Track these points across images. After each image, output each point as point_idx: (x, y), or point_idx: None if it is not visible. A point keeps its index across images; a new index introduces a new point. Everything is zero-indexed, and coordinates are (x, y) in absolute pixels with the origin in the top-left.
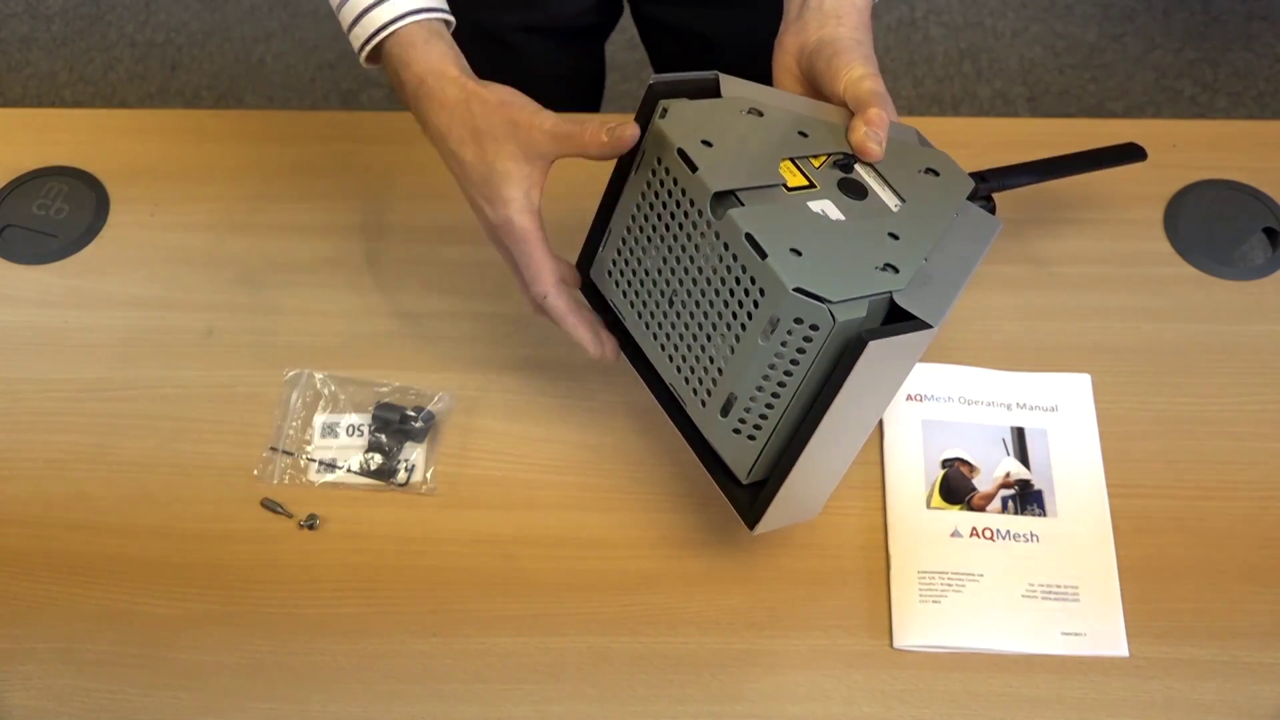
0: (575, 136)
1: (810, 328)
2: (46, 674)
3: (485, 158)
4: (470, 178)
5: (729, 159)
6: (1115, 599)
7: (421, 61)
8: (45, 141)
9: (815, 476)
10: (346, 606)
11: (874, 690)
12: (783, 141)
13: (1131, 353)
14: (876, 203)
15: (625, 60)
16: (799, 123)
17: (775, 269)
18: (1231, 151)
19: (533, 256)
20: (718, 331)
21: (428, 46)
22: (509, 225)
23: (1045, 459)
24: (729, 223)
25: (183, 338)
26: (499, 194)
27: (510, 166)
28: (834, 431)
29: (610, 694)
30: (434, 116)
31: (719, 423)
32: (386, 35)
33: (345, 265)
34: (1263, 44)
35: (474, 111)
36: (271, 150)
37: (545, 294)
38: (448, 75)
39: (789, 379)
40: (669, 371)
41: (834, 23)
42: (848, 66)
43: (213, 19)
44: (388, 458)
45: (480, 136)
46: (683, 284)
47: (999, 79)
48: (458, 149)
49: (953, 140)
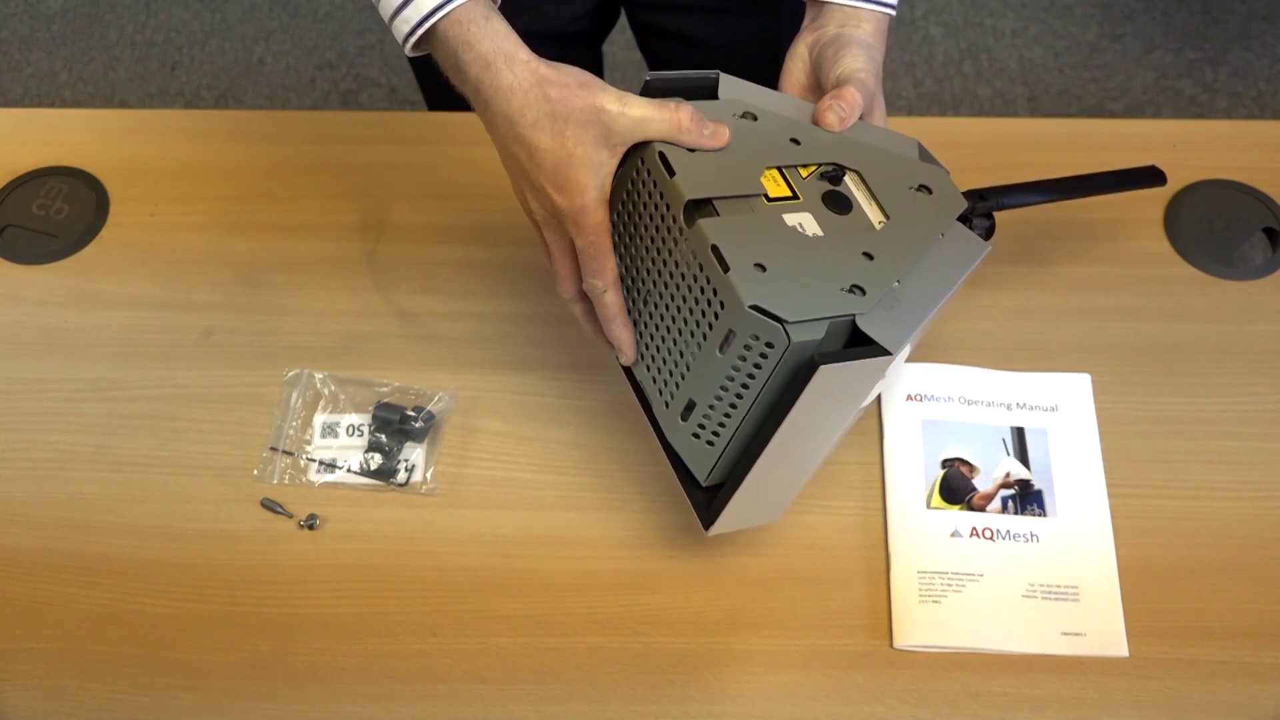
0: (666, 124)
1: (766, 345)
2: (46, 674)
3: (565, 144)
4: (542, 164)
5: (710, 165)
6: (1115, 599)
7: (487, 40)
8: (45, 141)
9: (773, 484)
10: (346, 606)
11: (874, 690)
12: (772, 149)
13: (1131, 353)
14: (859, 218)
15: (625, 61)
16: (792, 129)
17: (735, 284)
18: (1231, 151)
19: (602, 248)
20: (683, 337)
21: (489, 24)
22: (583, 214)
23: (1045, 459)
24: (698, 232)
25: (183, 338)
26: (575, 181)
27: (590, 152)
28: (789, 445)
29: (610, 694)
30: (502, 100)
31: (680, 426)
32: (445, 14)
33: (345, 265)
34: (1263, 44)
35: (550, 96)
36: (271, 150)
37: (606, 289)
38: (517, 58)
39: (745, 391)
40: (639, 369)
41: (853, 23)
42: (851, 59)
43: (213, 19)
44: (388, 458)
45: (558, 121)
46: (655, 285)
47: (999, 79)
48: (530, 135)
49: (953, 140)
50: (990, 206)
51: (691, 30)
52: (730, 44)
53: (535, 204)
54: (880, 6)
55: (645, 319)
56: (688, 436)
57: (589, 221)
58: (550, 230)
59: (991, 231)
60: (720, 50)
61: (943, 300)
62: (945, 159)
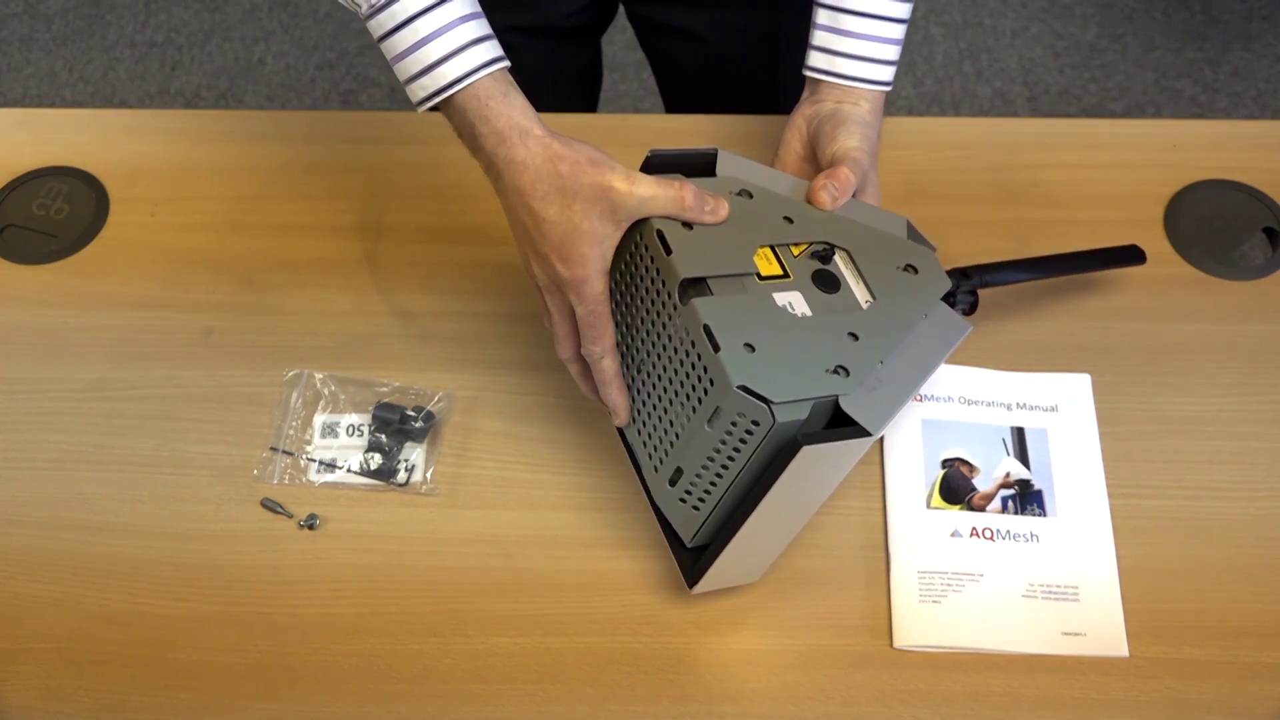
0: (671, 203)
1: (752, 423)
2: (46, 674)
3: (571, 218)
4: (549, 234)
5: (706, 244)
6: (1115, 599)
7: (504, 117)
8: (45, 141)
9: (754, 548)
10: (346, 606)
11: (874, 690)
12: (765, 228)
13: (1131, 353)
14: (847, 298)
15: (625, 60)
16: (785, 208)
17: (725, 364)
18: (1231, 151)
19: (601, 316)
20: (674, 407)
21: (506, 100)
22: (585, 284)
23: (1045, 459)
24: (691, 311)
25: (183, 338)
26: (579, 253)
27: (596, 227)
28: (771, 515)
29: (610, 694)
30: (515, 174)
31: (668, 490)
32: (463, 88)
33: (345, 265)
34: (1263, 44)
35: (561, 172)
36: (271, 150)
37: (603, 355)
38: (532, 133)
39: (731, 464)
40: (630, 431)
41: (850, 100)
42: (846, 136)
43: (213, 19)
44: (388, 458)
45: (567, 196)
46: (650, 354)
47: (999, 79)
48: (539, 207)
49: (953, 140)
50: (974, 285)
51: (688, 25)
52: (727, 38)
53: (539, 271)
54: (877, 86)
55: (639, 385)
56: (675, 500)
57: (590, 292)
58: (552, 296)
59: (974, 308)
60: (717, 45)
61: (923, 382)
62: (945, 159)
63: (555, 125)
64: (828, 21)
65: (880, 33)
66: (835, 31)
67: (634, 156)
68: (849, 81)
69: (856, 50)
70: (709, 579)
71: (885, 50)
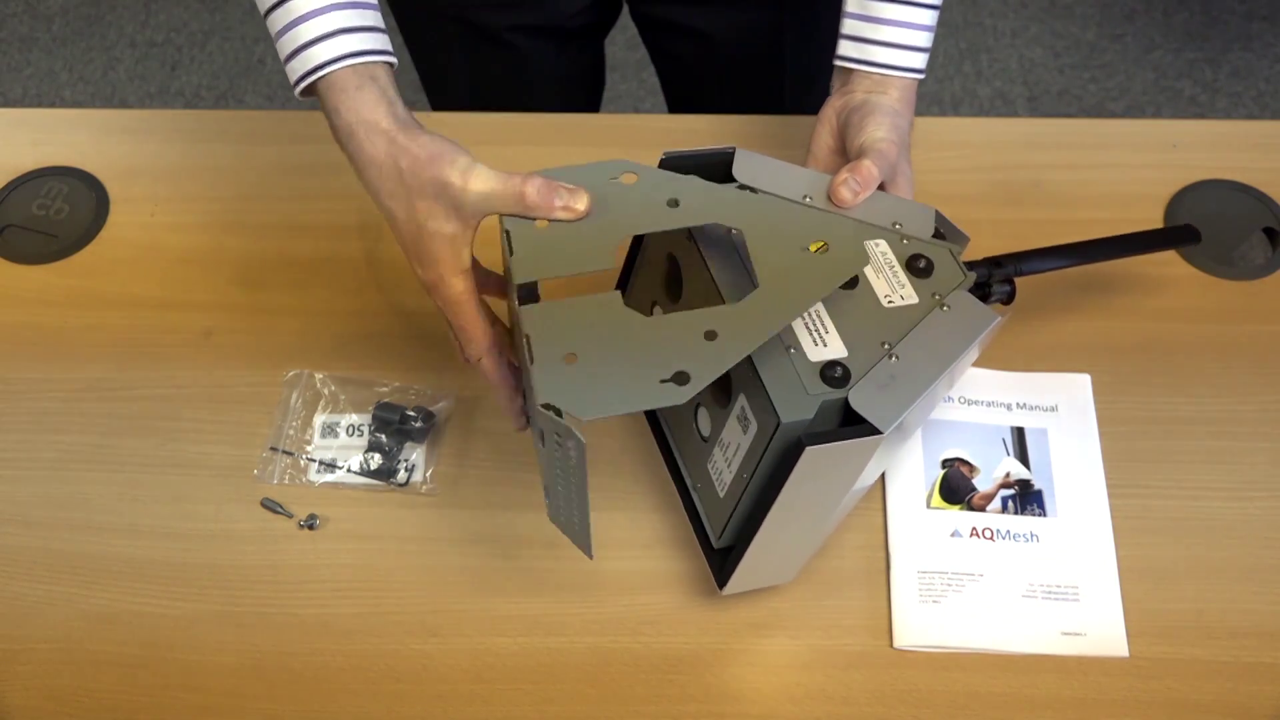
0: (511, 200)
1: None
2: (46, 674)
3: (415, 217)
4: (401, 235)
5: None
6: (1115, 599)
7: (350, 110)
8: (45, 141)
9: (780, 550)
10: (346, 606)
11: (874, 690)
12: (642, 215)
13: (1131, 353)
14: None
15: (625, 60)
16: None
17: (535, 378)
18: (1231, 151)
19: (465, 316)
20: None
21: (359, 94)
22: (440, 284)
23: (1045, 459)
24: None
25: (182, 338)
26: (429, 252)
27: (442, 225)
28: (788, 516)
29: (610, 694)
30: (365, 171)
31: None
32: (319, 77)
33: (345, 265)
34: (1263, 44)
35: (402, 168)
36: (271, 150)
37: (479, 357)
38: (378, 127)
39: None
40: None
41: (879, 90)
42: (875, 127)
43: (213, 19)
44: (388, 458)
45: (411, 194)
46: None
47: (999, 79)
48: (390, 205)
49: (953, 140)
50: (1008, 273)
51: (692, 23)
52: (732, 36)
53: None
54: (908, 73)
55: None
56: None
57: (448, 293)
58: (432, 298)
59: (1011, 298)
60: (722, 43)
61: (942, 375)
62: (945, 159)
63: (557, 125)
64: (858, 9)
65: (912, 19)
66: (867, 19)
67: (636, 156)
68: (882, 70)
69: (889, 38)
70: (738, 580)
71: (917, 37)
